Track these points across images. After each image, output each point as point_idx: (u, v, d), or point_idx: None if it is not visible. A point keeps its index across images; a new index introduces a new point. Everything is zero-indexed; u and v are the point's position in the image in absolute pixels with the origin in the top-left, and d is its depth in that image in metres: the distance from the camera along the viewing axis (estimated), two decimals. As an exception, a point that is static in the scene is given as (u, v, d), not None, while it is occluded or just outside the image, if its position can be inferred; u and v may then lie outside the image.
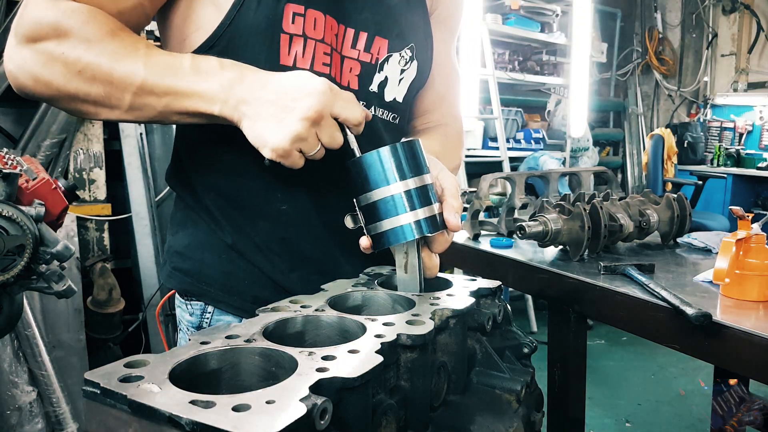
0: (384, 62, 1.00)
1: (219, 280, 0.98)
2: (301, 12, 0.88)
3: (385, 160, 0.76)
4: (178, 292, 1.02)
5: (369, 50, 0.97)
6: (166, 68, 0.79)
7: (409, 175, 0.76)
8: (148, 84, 0.79)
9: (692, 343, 1.18)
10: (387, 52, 0.99)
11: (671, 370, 3.79)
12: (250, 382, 0.56)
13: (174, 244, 1.03)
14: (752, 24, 6.20)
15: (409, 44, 1.02)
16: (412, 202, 0.76)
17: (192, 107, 0.80)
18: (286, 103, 0.76)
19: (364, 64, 0.97)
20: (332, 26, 0.92)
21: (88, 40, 0.78)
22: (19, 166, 1.32)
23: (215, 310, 0.99)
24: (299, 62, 0.90)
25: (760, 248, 1.24)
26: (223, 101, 0.78)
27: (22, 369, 2.27)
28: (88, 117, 0.86)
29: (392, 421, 0.57)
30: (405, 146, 0.76)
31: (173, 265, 1.02)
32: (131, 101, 0.80)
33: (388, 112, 1.04)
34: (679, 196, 1.75)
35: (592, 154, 5.46)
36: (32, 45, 0.80)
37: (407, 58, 1.03)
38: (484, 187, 1.88)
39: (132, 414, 0.44)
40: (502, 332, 0.81)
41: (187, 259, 1.00)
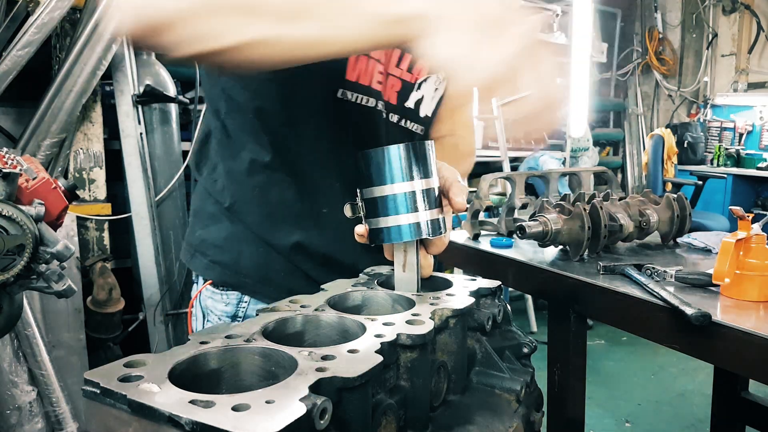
0: (423, 82, 1.07)
1: (256, 272, 1.03)
2: None
3: (394, 158, 0.75)
4: (216, 283, 1.06)
5: (411, 71, 1.04)
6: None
7: (416, 177, 0.76)
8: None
9: (692, 343, 1.18)
10: (426, 74, 1.06)
11: (671, 370, 3.79)
12: (250, 381, 0.56)
13: (208, 237, 1.06)
14: (752, 24, 6.20)
15: None
16: (416, 203, 0.76)
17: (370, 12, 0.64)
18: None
19: (405, 83, 1.04)
20: None
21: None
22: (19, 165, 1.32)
23: (251, 299, 1.05)
24: (361, 79, 0.95)
25: (760, 248, 1.24)
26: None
27: (21, 369, 2.27)
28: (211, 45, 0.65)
29: (392, 421, 0.57)
30: (416, 147, 0.76)
31: (211, 257, 1.06)
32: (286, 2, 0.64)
33: (420, 126, 1.11)
34: (679, 196, 1.75)
35: (592, 154, 5.46)
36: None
37: (441, 78, 1.10)
38: (484, 187, 1.88)
39: (132, 414, 0.44)
40: (502, 332, 0.81)
41: (226, 251, 1.04)
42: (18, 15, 2.49)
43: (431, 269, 0.84)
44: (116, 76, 2.92)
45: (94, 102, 2.84)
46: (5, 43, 2.45)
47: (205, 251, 1.07)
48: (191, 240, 1.11)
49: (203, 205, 1.09)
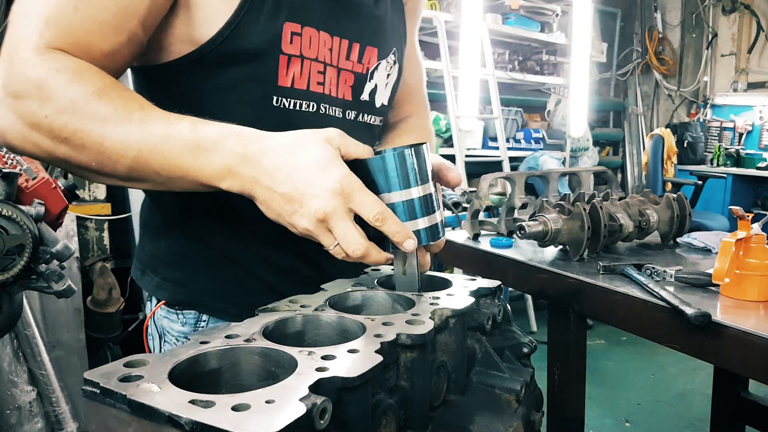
0: (374, 71, 1.01)
1: (213, 288, 0.96)
2: (299, 31, 0.87)
3: (390, 166, 0.73)
4: (170, 303, 0.99)
5: (361, 60, 0.98)
6: (163, 140, 0.72)
7: (413, 184, 0.74)
8: (143, 156, 0.72)
9: (692, 343, 1.18)
10: (377, 61, 1.00)
11: (671, 370, 3.79)
12: (250, 381, 0.56)
13: (158, 253, 0.99)
14: (752, 24, 6.20)
15: (392, 49, 1.04)
16: (414, 211, 0.74)
17: (197, 182, 0.73)
18: (295, 199, 0.70)
19: (357, 75, 0.98)
20: (325, 41, 0.92)
21: (74, 103, 0.71)
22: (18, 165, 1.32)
23: (210, 318, 0.98)
24: (296, 83, 0.89)
25: (760, 248, 1.24)
26: (229, 180, 0.72)
27: (21, 368, 2.27)
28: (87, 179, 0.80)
29: (392, 421, 0.57)
30: (411, 153, 0.74)
31: (162, 275, 0.98)
32: (127, 173, 0.74)
33: (377, 117, 1.06)
34: (678, 196, 1.75)
35: (592, 154, 5.46)
36: (16, 102, 0.72)
37: (392, 62, 1.04)
38: (484, 187, 1.88)
39: (131, 413, 0.44)
40: (502, 332, 0.82)
41: (178, 268, 0.97)
42: (18, 15, 2.48)
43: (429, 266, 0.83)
44: (116, 76, 2.92)
45: (94, 102, 2.84)
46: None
47: (156, 268, 0.99)
48: (140, 255, 1.04)
49: (152, 218, 1.03)
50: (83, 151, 0.72)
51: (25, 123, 0.72)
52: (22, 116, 0.72)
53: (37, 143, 0.73)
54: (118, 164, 0.73)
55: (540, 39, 5.03)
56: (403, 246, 0.72)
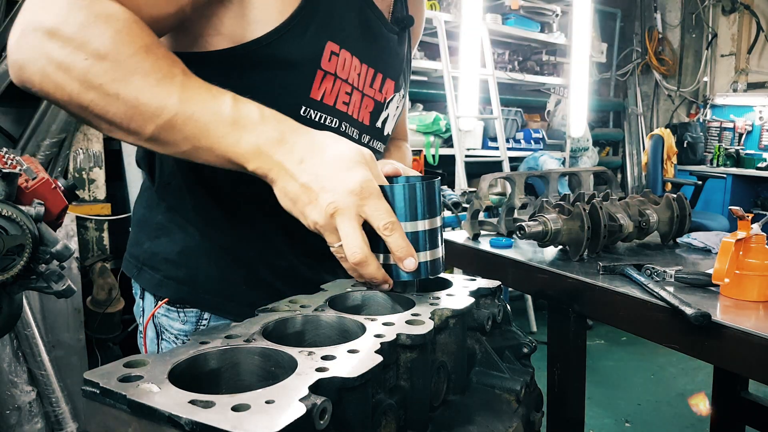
0: (390, 101, 1.06)
1: (216, 286, 0.97)
2: (337, 51, 0.91)
3: (398, 198, 0.74)
4: (173, 301, 0.99)
5: (381, 90, 1.03)
6: (202, 106, 0.71)
7: (420, 217, 0.74)
8: (179, 121, 0.70)
9: (692, 343, 1.18)
10: (393, 93, 1.07)
11: (671, 370, 3.79)
12: (250, 381, 0.56)
13: (160, 251, 0.99)
14: (752, 24, 6.20)
15: (403, 84, 1.11)
16: (417, 244, 0.75)
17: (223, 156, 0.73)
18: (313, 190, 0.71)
19: (377, 102, 1.03)
20: (356, 66, 0.96)
21: (118, 53, 0.69)
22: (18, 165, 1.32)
23: (212, 316, 0.99)
24: (326, 98, 0.93)
25: (759, 248, 1.24)
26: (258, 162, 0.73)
27: (21, 369, 2.27)
28: (101, 131, 0.76)
29: (392, 421, 0.57)
30: (424, 186, 0.74)
31: (164, 273, 0.99)
32: (154, 133, 0.72)
33: (383, 144, 1.11)
34: (678, 196, 1.75)
35: (591, 154, 5.46)
36: (49, 40, 0.69)
37: (401, 95, 1.11)
38: (484, 187, 1.88)
39: (131, 414, 0.44)
40: (502, 332, 0.81)
41: (181, 266, 0.98)
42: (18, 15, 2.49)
43: None
44: (116, 76, 2.92)
45: (94, 102, 2.84)
46: (5, 44, 2.45)
47: (157, 266, 0.99)
48: (137, 252, 1.03)
49: (151, 215, 1.02)
50: (115, 102, 0.70)
51: (52, 62, 0.69)
52: (51, 54, 0.69)
53: (60, 85, 0.70)
54: (148, 123, 0.71)
55: (540, 39, 5.03)
56: (403, 263, 0.73)
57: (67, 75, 0.69)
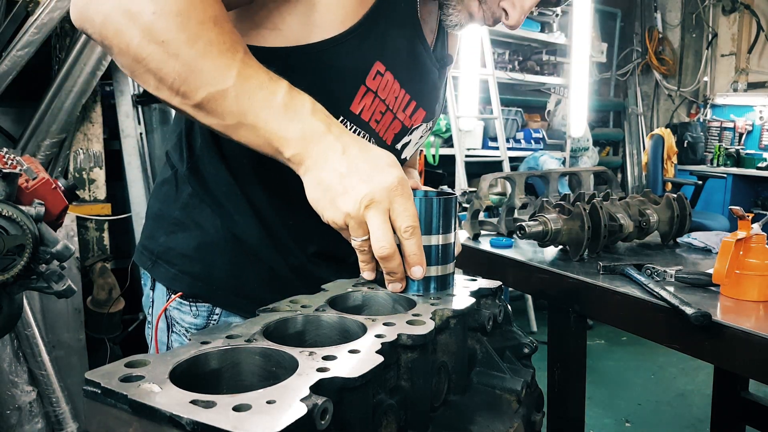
0: (415, 129, 1.08)
1: (229, 283, 0.99)
2: (383, 71, 0.94)
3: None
4: (187, 295, 1.00)
5: (412, 117, 1.05)
6: (258, 86, 0.72)
7: (434, 231, 0.75)
8: (231, 94, 0.71)
9: (692, 343, 1.18)
10: (420, 122, 1.08)
11: (671, 370, 3.79)
12: (251, 381, 0.56)
13: (176, 246, 1.00)
14: (752, 24, 6.20)
15: (433, 117, 1.13)
16: (429, 258, 0.75)
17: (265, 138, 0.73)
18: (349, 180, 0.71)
19: (403, 126, 1.05)
20: (395, 90, 0.98)
21: (189, 17, 0.69)
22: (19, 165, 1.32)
23: (223, 311, 1.01)
24: (363, 114, 0.95)
25: (760, 248, 1.24)
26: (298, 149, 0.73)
27: (21, 369, 2.27)
28: (141, 83, 0.75)
29: (392, 421, 0.57)
30: (441, 202, 0.75)
31: (179, 267, 1.00)
32: (203, 100, 0.72)
33: None
34: (679, 196, 1.75)
35: (592, 154, 5.46)
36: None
37: (429, 127, 1.13)
38: (484, 187, 1.88)
39: (132, 414, 0.44)
40: (503, 332, 0.82)
41: (196, 262, 0.99)
42: (18, 15, 2.49)
43: None
44: (116, 76, 2.92)
45: (94, 102, 2.84)
46: (5, 44, 2.45)
47: (172, 260, 1.00)
48: (151, 246, 1.04)
49: (168, 210, 1.03)
50: (173, 61, 0.70)
51: (122, 7, 0.69)
52: (120, 11, 0.70)
53: (122, 31, 0.70)
54: (201, 89, 0.71)
55: (540, 39, 5.03)
56: (411, 269, 0.74)
57: (132, 23, 0.69)
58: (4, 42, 2.45)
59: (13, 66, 2.39)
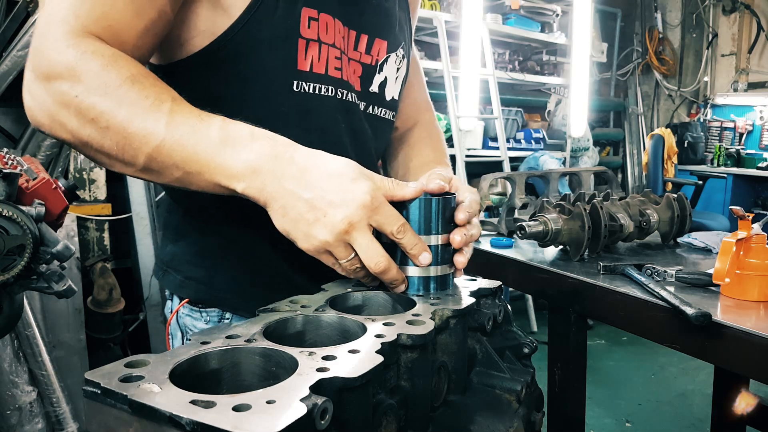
0: (384, 63, 1.01)
1: (234, 286, 0.97)
2: (315, 16, 0.88)
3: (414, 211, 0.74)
4: (193, 301, 0.99)
5: (369, 52, 0.99)
6: (191, 131, 0.71)
7: (434, 232, 0.75)
8: (166, 147, 0.70)
9: (692, 343, 1.18)
10: (386, 53, 1.01)
11: (671, 370, 3.79)
12: (251, 381, 0.56)
13: (180, 252, 1.00)
14: (752, 24, 6.20)
15: (401, 43, 1.05)
16: None
17: (213, 180, 0.72)
18: (320, 207, 0.68)
19: (365, 66, 0.99)
20: (340, 29, 0.92)
21: (106, 86, 0.71)
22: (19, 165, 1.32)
23: (233, 316, 0.99)
24: (315, 67, 0.89)
25: (760, 248, 1.24)
26: (249, 181, 0.70)
27: (22, 369, 2.27)
28: (105, 167, 0.78)
29: (392, 421, 0.57)
30: (440, 202, 0.75)
31: (185, 274, 0.99)
32: (146, 162, 0.72)
33: (388, 111, 1.06)
34: (679, 196, 1.75)
35: (592, 154, 5.46)
36: (47, 83, 0.73)
37: (401, 56, 1.05)
38: (485, 187, 1.88)
39: (132, 414, 0.44)
40: (503, 332, 0.81)
41: (199, 267, 0.98)
42: (18, 15, 2.49)
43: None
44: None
45: (95, 102, 2.84)
46: (5, 44, 2.45)
47: (178, 267, 1.00)
48: (161, 255, 1.04)
49: (171, 218, 1.04)
50: (107, 133, 0.71)
51: (55, 101, 0.72)
52: (53, 95, 0.72)
53: (64, 123, 0.73)
54: (139, 152, 0.71)
55: (540, 39, 5.03)
56: (419, 259, 0.73)
57: (67, 111, 0.72)
58: (5, 42, 2.45)
59: (13, 66, 2.39)
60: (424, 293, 0.75)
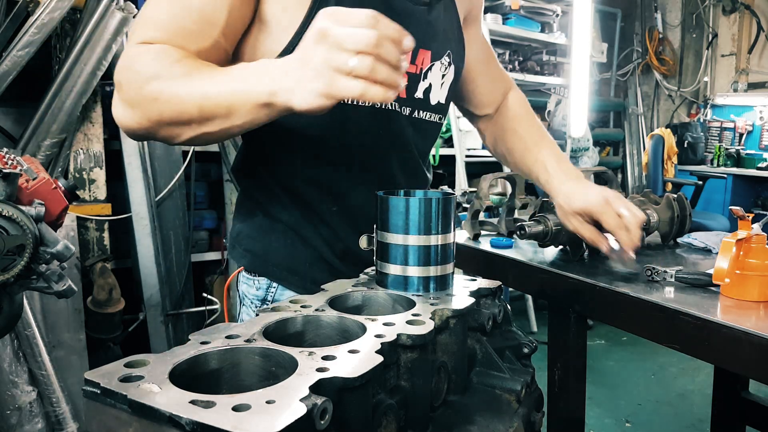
0: (428, 71, 1.12)
1: (283, 261, 1.13)
2: None
3: (413, 211, 0.74)
4: (247, 270, 1.17)
5: (414, 62, 1.09)
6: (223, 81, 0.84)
7: (434, 231, 0.75)
8: (209, 97, 0.83)
9: (692, 343, 1.18)
10: (430, 62, 1.12)
11: (671, 370, 3.79)
12: (251, 381, 0.56)
13: (244, 229, 1.17)
14: (752, 24, 6.19)
15: (447, 51, 1.16)
16: (428, 258, 0.75)
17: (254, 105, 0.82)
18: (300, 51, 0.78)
19: (411, 75, 1.09)
20: None
21: (158, 72, 0.86)
22: (19, 165, 1.32)
23: (278, 286, 1.14)
24: None
25: (760, 248, 1.24)
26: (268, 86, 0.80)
27: (22, 369, 2.27)
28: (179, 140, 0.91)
29: (392, 421, 0.57)
30: (440, 202, 0.75)
31: (245, 246, 1.16)
32: (199, 114, 0.85)
33: (434, 114, 1.18)
34: (679, 196, 1.75)
35: (592, 154, 5.46)
36: (119, 90, 0.90)
37: (446, 64, 1.16)
38: (484, 187, 1.88)
39: (132, 414, 0.44)
40: (502, 332, 0.82)
41: (258, 241, 1.14)
42: (18, 15, 2.49)
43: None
44: (116, 76, 2.92)
45: (94, 102, 2.84)
46: (5, 44, 2.45)
47: (241, 241, 1.17)
48: (232, 233, 1.22)
49: (244, 201, 1.20)
50: (168, 105, 0.85)
51: (131, 104, 0.88)
52: (128, 98, 0.89)
53: (143, 116, 0.88)
54: (191, 108, 0.84)
55: (540, 39, 5.03)
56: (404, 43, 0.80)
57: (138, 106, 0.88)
58: (5, 42, 2.45)
59: (13, 66, 2.39)
60: (423, 293, 0.75)
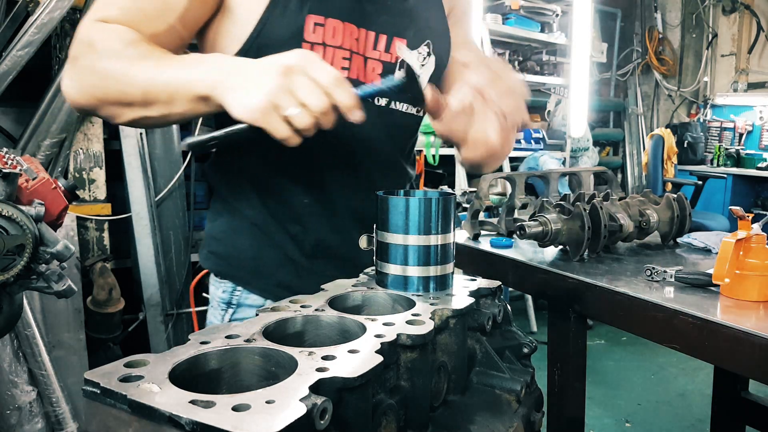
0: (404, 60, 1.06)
1: (248, 264, 1.09)
2: (321, 22, 0.98)
3: (413, 211, 0.74)
4: (213, 272, 1.14)
5: (389, 51, 1.07)
6: (169, 66, 0.87)
7: (433, 231, 0.75)
8: (155, 80, 0.86)
9: (692, 343, 1.18)
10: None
11: (671, 370, 3.79)
12: (250, 381, 0.56)
13: (211, 230, 1.15)
14: (752, 24, 6.19)
15: (425, 41, 1.12)
16: (428, 258, 0.75)
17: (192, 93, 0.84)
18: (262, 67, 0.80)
19: (385, 64, 1.07)
20: (352, 32, 1.01)
21: (112, 50, 0.88)
22: (19, 165, 1.32)
23: (243, 290, 1.10)
24: None
25: (760, 248, 1.24)
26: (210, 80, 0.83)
27: (21, 369, 2.27)
28: (119, 120, 0.92)
29: (392, 421, 0.57)
30: (440, 202, 0.75)
31: (210, 248, 1.14)
32: (142, 97, 0.87)
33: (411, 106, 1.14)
34: (679, 196, 1.75)
35: (592, 154, 5.45)
36: (74, 62, 0.91)
37: (425, 54, 1.12)
38: (484, 187, 1.88)
39: (132, 414, 0.44)
40: (502, 332, 0.82)
41: (222, 243, 1.12)
42: (18, 15, 2.49)
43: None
44: (116, 76, 2.92)
45: (94, 102, 2.84)
46: (5, 44, 2.45)
47: (208, 243, 1.15)
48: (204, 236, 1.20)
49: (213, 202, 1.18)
50: (114, 85, 0.88)
51: (78, 75, 0.91)
52: (77, 69, 0.91)
53: (89, 91, 0.91)
54: (135, 90, 0.87)
55: (540, 39, 5.03)
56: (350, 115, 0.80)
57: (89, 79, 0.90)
58: (5, 42, 2.45)
59: (13, 66, 2.39)
60: (423, 293, 0.75)
